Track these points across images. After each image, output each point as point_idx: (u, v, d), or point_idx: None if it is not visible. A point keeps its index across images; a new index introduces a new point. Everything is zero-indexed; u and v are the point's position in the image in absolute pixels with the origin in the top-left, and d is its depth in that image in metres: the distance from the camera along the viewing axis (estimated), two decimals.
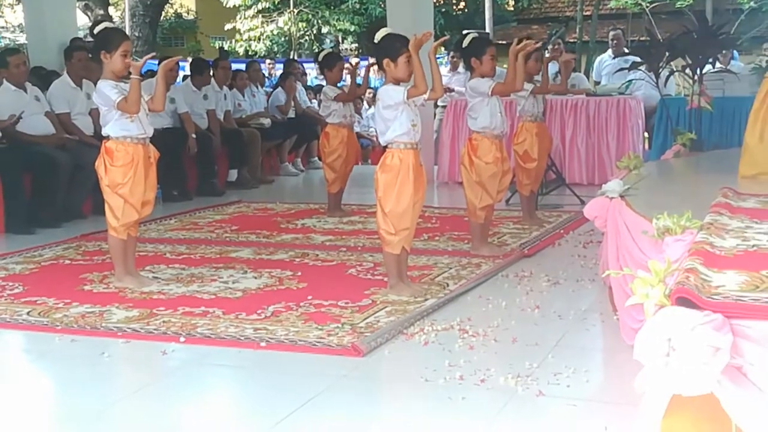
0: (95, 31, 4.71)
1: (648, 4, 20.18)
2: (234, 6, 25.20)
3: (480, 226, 5.43)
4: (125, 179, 4.63)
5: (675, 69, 7.76)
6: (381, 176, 4.38)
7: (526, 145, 6.23)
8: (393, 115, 4.34)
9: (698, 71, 7.29)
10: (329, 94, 7.00)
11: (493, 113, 5.30)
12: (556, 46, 10.07)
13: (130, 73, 4.56)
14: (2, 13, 29.24)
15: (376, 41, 4.45)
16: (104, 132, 4.69)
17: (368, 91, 13.94)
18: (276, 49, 25.88)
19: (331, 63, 7.08)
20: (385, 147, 4.42)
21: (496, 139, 5.35)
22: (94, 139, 6.67)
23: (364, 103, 13.47)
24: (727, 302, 2.25)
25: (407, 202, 4.35)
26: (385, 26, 4.90)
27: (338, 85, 7.30)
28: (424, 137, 5.04)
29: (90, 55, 7.20)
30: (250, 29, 25.93)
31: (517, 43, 5.41)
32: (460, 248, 5.57)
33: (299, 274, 5.00)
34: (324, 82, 7.40)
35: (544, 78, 6.36)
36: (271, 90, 10.76)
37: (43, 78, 7.91)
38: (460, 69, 11.17)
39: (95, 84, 6.79)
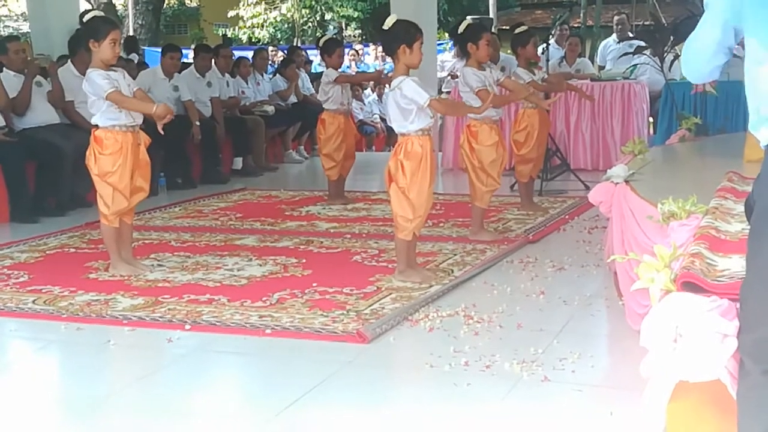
0: (84, 20, 4.71)
1: None
2: None
3: (482, 211, 5.45)
4: (114, 167, 4.64)
5: (680, 53, 7.72)
6: (406, 163, 4.36)
7: (526, 133, 6.20)
8: (413, 109, 4.34)
9: None
10: (330, 76, 6.96)
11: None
12: (563, 32, 10.05)
13: (121, 58, 4.56)
14: (5, 2, 29.22)
15: (386, 28, 4.41)
16: (93, 121, 4.70)
17: None
18: (279, 36, 25.84)
19: (330, 48, 7.06)
20: (398, 134, 4.43)
21: (494, 124, 5.43)
22: None
23: (368, 89, 13.43)
24: (732, 283, 2.24)
25: (428, 188, 4.40)
26: (389, 12, 4.88)
27: (339, 70, 7.25)
28: None
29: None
30: (253, 16, 25.90)
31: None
32: (464, 235, 5.56)
33: (304, 261, 5.00)
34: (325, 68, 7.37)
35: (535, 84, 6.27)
36: (271, 76, 10.75)
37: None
38: None
39: None
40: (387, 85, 13.39)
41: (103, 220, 4.75)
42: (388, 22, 4.40)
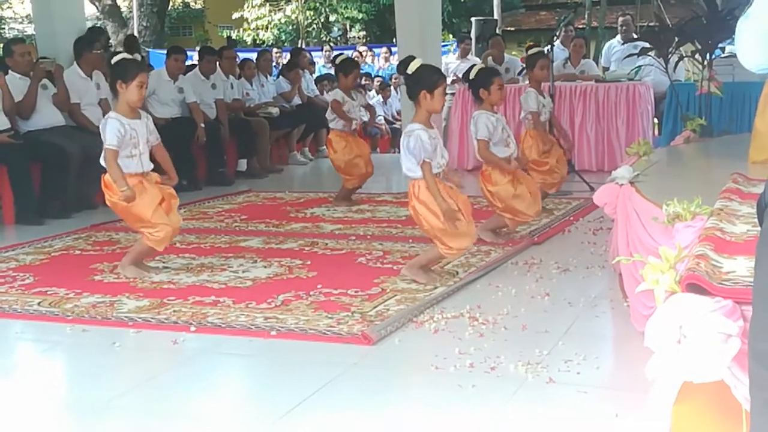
0: (112, 62, 4.72)
1: None
2: None
3: (502, 222, 5.41)
4: (131, 203, 4.59)
5: (684, 54, 7.72)
6: (419, 207, 4.35)
7: (534, 152, 6.15)
8: (417, 159, 4.31)
9: (708, 56, 7.25)
10: (338, 100, 6.83)
11: (498, 146, 5.29)
12: (568, 33, 10.05)
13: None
14: (10, 4, 29.30)
15: (409, 72, 4.39)
16: (101, 162, 4.66)
17: (377, 78, 13.96)
18: (284, 37, 25.88)
19: (347, 69, 6.96)
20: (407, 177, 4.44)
21: (506, 162, 5.33)
22: None
23: (372, 91, 13.45)
24: (737, 288, 2.25)
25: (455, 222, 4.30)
26: (393, 14, 4.89)
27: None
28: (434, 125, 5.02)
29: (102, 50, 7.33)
30: (258, 18, 25.94)
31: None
32: None
33: (309, 263, 5.00)
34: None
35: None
36: (275, 78, 10.76)
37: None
38: (469, 57, 11.14)
39: (105, 76, 6.85)
40: (393, 89, 13.41)
41: (147, 241, 4.72)
42: (412, 67, 4.37)
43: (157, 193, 4.67)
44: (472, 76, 5.35)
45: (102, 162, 4.64)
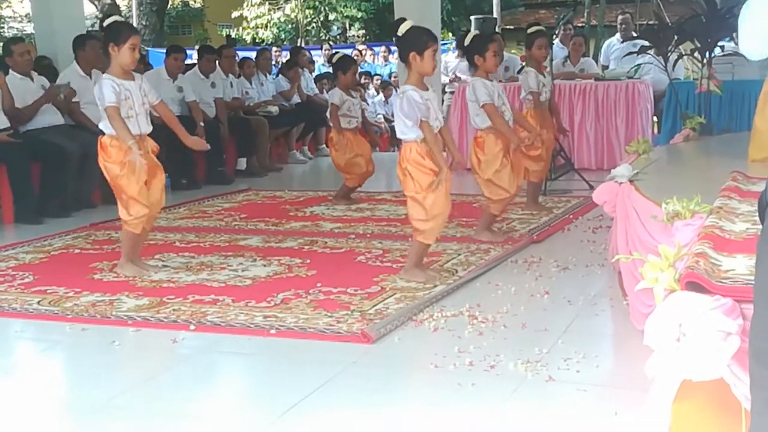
0: (104, 24, 4.71)
1: None
2: None
3: (492, 216, 5.44)
4: (121, 172, 4.61)
5: (684, 52, 7.72)
6: (411, 169, 4.35)
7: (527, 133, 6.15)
8: (413, 121, 4.33)
9: (707, 55, 7.25)
10: (335, 101, 6.87)
11: None
12: (567, 31, 10.05)
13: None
14: (9, 3, 29.27)
15: (399, 34, 4.39)
16: (100, 126, 4.69)
17: (376, 77, 13.96)
18: (283, 36, 25.88)
19: (345, 66, 6.98)
20: (400, 139, 4.43)
21: (501, 133, 5.34)
22: None
23: (372, 89, 13.44)
24: (736, 286, 2.25)
25: (439, 190, 4.35)
26: (392, 12, 4.90)
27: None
28: None
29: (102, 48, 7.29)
30: (257, 17, 25.94)
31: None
32: (468, 234, 5.56)
33: (308, 261, 5.00)
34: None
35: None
36: (275, 77, 10.76)
37: (48, 68, 7.97)
38: None
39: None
40: (394, 88, 13.43)
41: (125, 225, 4.74)
42: (402, 29, 4.37)
43: (140, 175, 4.65)
44: (467, 42, 5.33)
45: (101, 126, 4.66)
